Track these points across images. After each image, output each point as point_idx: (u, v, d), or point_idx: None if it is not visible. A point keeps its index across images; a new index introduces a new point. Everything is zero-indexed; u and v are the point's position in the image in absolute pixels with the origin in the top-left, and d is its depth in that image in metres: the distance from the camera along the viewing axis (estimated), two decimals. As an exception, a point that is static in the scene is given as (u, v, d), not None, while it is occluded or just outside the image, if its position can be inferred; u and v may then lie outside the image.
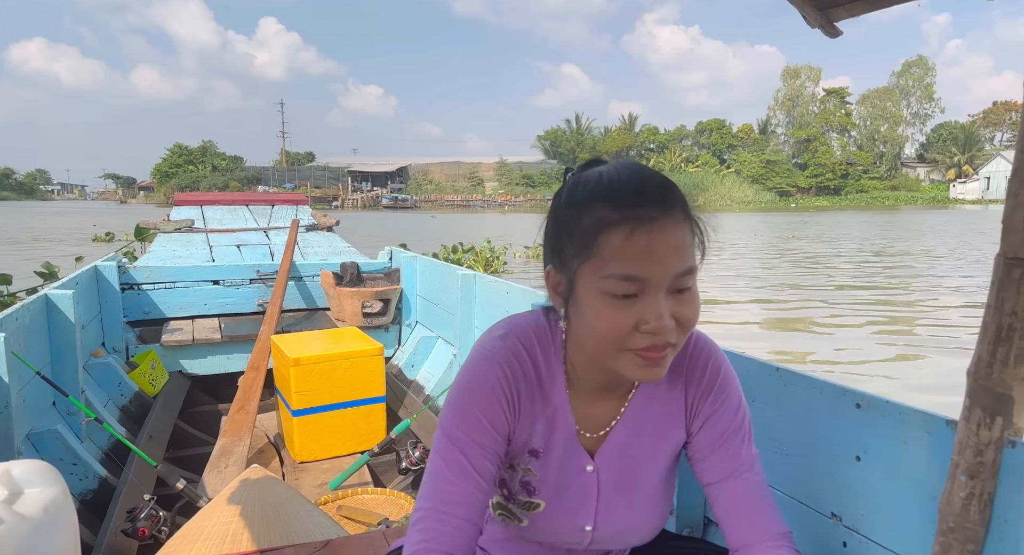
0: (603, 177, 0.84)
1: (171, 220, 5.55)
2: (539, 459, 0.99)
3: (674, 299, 0.83)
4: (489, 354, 0.94)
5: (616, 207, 0.81)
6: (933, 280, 11.76)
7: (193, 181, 70.92)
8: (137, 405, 3.28)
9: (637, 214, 0.80)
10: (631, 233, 0.80)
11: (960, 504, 0.92)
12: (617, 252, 0.80)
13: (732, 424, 0.99)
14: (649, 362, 0.84)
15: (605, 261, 0.81)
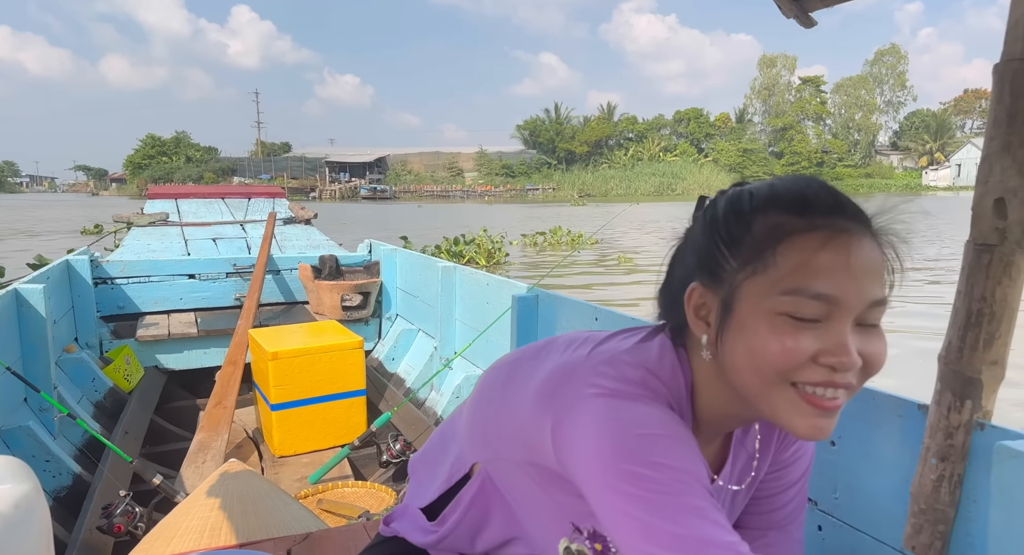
0: (777, 186, 0.71)
1: (145, 213, 5.46)
2: None
3: (861, 334, 0.67)
4: (630, 397, 0.72)
5: (803, 213, 0.67)
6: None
7: (167, 173, 69.77)
8: (112, 401, 3.23)
9: (831, 223, 0.66)
10: (825, 243, 0.65)
11: (931, 486, 0.94)
12: (805, 264, 0.65)
13: (801, 479, 0.89)
14: (818, 410, 0.67)
15: (786, 275, 0.66)
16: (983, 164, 0.93)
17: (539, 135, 75.17)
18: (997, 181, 0.90)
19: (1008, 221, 0.89)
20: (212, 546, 1.75)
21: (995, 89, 0.92)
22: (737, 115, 77.82)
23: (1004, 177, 0.90)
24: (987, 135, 0.92)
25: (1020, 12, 0.91)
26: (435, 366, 3.34)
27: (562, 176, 70.12)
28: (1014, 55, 0.90)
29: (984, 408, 0.91)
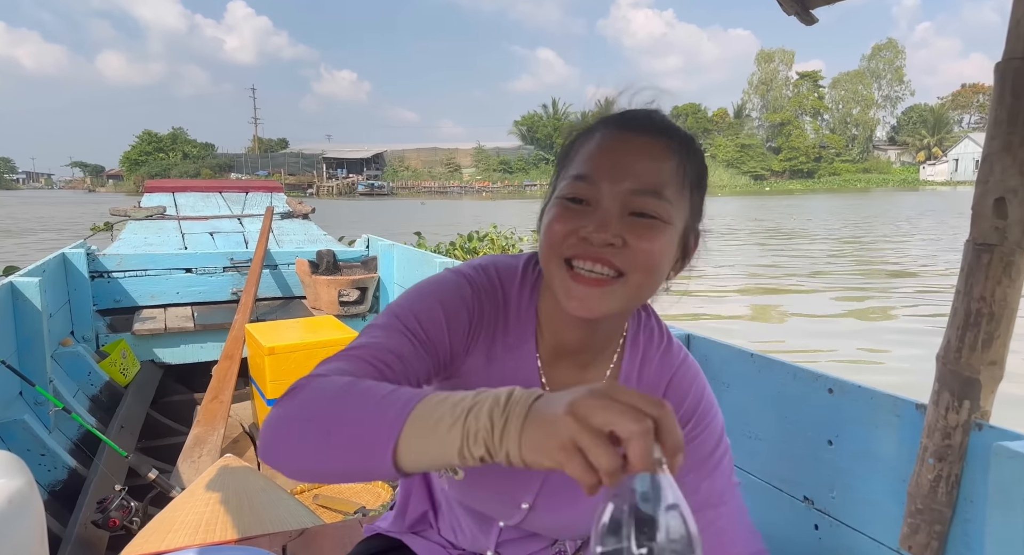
0: (603, 115, 0.83)
1: (142, 207, 5.43)
2: None
3: (633, 224, 0.73)
4: (460, 272, 0.86)
5: (603, 123, 0.79)
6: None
7: (164, 169, 69.63)
8: (108, 395, 3.22)
9: (620, 126, 0.77)
10: (601, 138, 0.77)
11: (928, 486, 0.93)
12: (581, 153, 0.78)
13: (712, 454, 0.88)
14: (580, 285, 0.73)
15: (570, 166, 0.78)
16: (983, 163, 0.92)
17: (537, 131, 75.08)
18: (997, 180, 0.90)
19: (1008, 221, 0.89)
20: (208, 541, 1.75)
21: (996, 88, 0.92)
22: (735, 110, 77.78)
23: (1004, 177, 0.89)
24: (988, 134, 0.92)
25: (1022, 12, 0.90)
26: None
27: (560, 171, 69.86)
28: (1015, 54, 0.90)
29: (982, 408, 0.90)
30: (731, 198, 46.43)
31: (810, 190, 60.25)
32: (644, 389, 0.88)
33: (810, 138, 72.80)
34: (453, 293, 0.83)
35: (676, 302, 0.87)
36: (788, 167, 71.23)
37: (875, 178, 67.74)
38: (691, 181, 0.79)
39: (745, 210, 30.24)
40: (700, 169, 0.82)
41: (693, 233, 0.82)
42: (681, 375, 0.89)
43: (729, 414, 1.36)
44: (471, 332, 0.84)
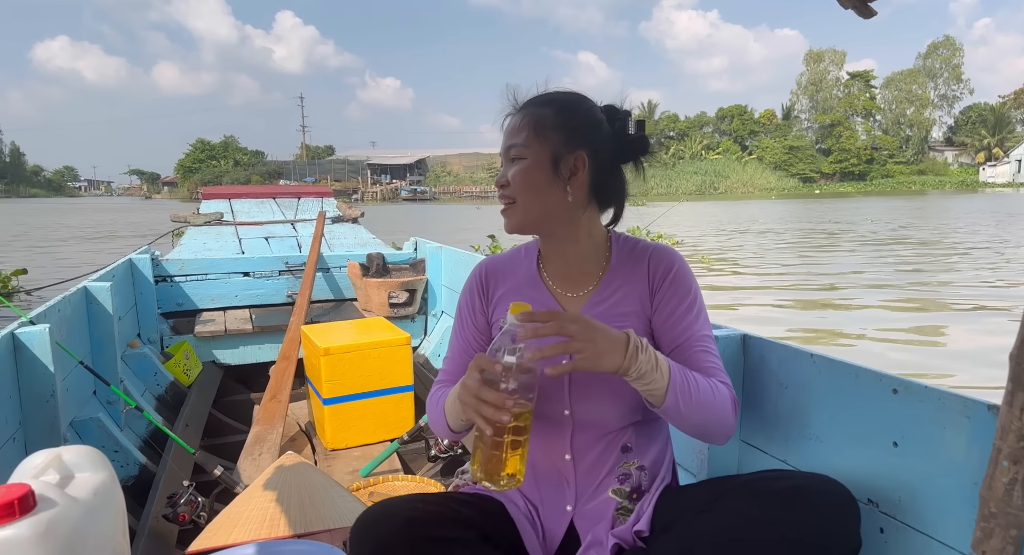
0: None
1: (200, 213, 5.63)
2: None
3: (510, 167, 1.21)
4: (469, 281, 1.37)
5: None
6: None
7: (216, 176, 71.67)
8: (173, 394, 3.35)
9: (508, 112, 1.26)
10: (505, 122, 1.26)
11: (1003, 489, 0.91)
12: None
13: (684, 303, 1.20)
14: (502, 212, 1.23)
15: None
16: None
17: (580, 134, 74.66)
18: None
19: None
20: (271, 536, 1.81)
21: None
22: (783, 112, 76.16)
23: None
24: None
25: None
26: (481, 363, 3.36)
27: (603, 175, 69.34)
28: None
29: (1060, 409, 0.88)
30: (779, 201, 45.33)
31: (862, 193, 58.49)
32: (635, 276, 1.23)
33: (861, 139, 70.73)
34: (465, 290, 1.35)
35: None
36: (838, 169, 69.36)
37: (931, 180, 65.38)
38: (548, 126, 1.18)
39: (810, 213, 29.26)
40: (563, 115, 1.19)
41: (571, 156, 1.17)
42: (656, 258, 1.23)
43: (788, 415, 1.35)
44: (484, 292, 1.32)
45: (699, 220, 25.25)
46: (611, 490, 1.20)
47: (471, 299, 1.32)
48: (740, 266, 12.35)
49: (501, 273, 1.32)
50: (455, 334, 1.34)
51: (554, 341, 1.00)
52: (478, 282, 1.32)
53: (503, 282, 1.30)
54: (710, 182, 63.35)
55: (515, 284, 1.29)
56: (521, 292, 1.28)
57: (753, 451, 1.47)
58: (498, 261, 1.34)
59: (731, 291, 9.45)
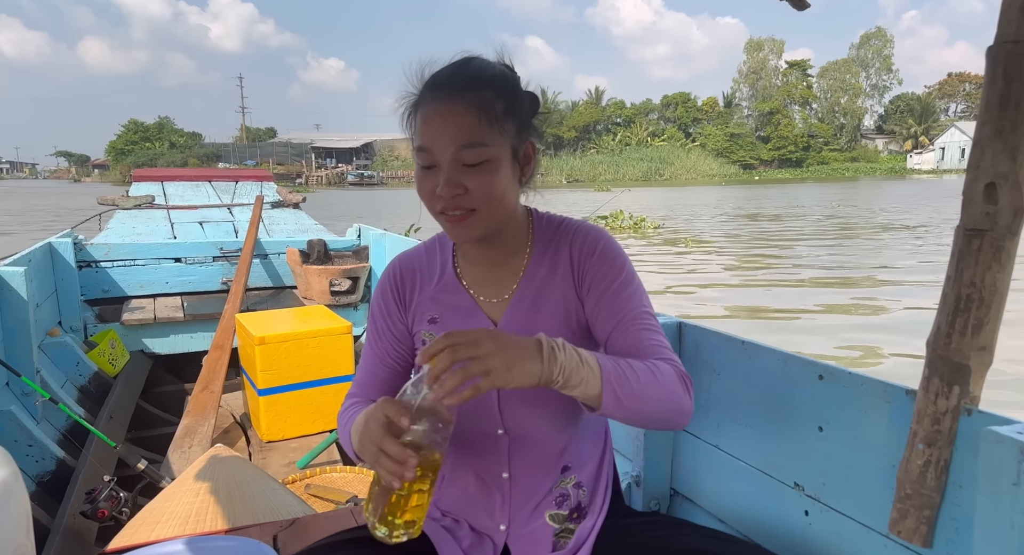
0: (428, 70, 1.03)
1: (130, 196, 5.38)
2: (438, 324, 1.12)
3: (467, 171, 0.97)
4: (380, 281, 1.19)
5: (421, 91, 1.01)
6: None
7: (150, 158, 68.91)
8: (96, 385, 3.20)
9: (428, 95, 0.99)
10: (423, 111, 0.99)
11: (917, 471, 0.94)
12: (418, 123, 0.99)
13: (616, 281, 1.07)
14: (451, 222, 1.00)
15: (415, 136, 1.00)
16: (975, 149, 0.92)
17: (527, 119, 74.68)
18: (988, 166, 0.90)
19: (998, 206, 0.89)
20: (197, 531, 1.74)
21: (988, 72, 0.91)
22: (725, 100, 77.77)
23: (995, 162, 0.89)
24: (979, 119, 0.91)
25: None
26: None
27: (550, 161, 69.82)
28: (1007, 37, 0.89)
29: (972, 393, 0.91)
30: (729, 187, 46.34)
31: (799, 179, 60.35)
32: (558, 265, 1.11)
33: (799, 127, 72.89)
34: (378, 294, 1.17)
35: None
36: (777, 156, 71.40)
37: (863, 167, 67.99)
38: (500, 114, 0.98)
39: (764, 199, 29.97)
40: (507, 98, 1.00)
41: (524, 145, 1.04)
42: (579, 239, 1.10)
43: (720, 401, 1.37)
44: (400, 297, 1.15)
45: (668, 204, 25.55)
46: (548, 515, 1.12)
47: (385, 305, 1.15)
48: (718, 247, 12.61)
49: (416, 274, 1.15)
50: (369, 342, 1.18)
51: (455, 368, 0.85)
52: (392, 285, 1.15)
53: (419, 285, 1.15)
54: (655, 168, 64.30)
55: (432, 289, 1.14)
56: (439, 298, 1.13)
57: (688, 438, 1.48)
58: (411, 259, 1.17)
59: (717, 274, 9.67)
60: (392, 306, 1.15)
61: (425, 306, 1.13)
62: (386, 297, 1.16)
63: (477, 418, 1.09)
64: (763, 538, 1.27)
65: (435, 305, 1.12)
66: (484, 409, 1.09)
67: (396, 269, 1.17)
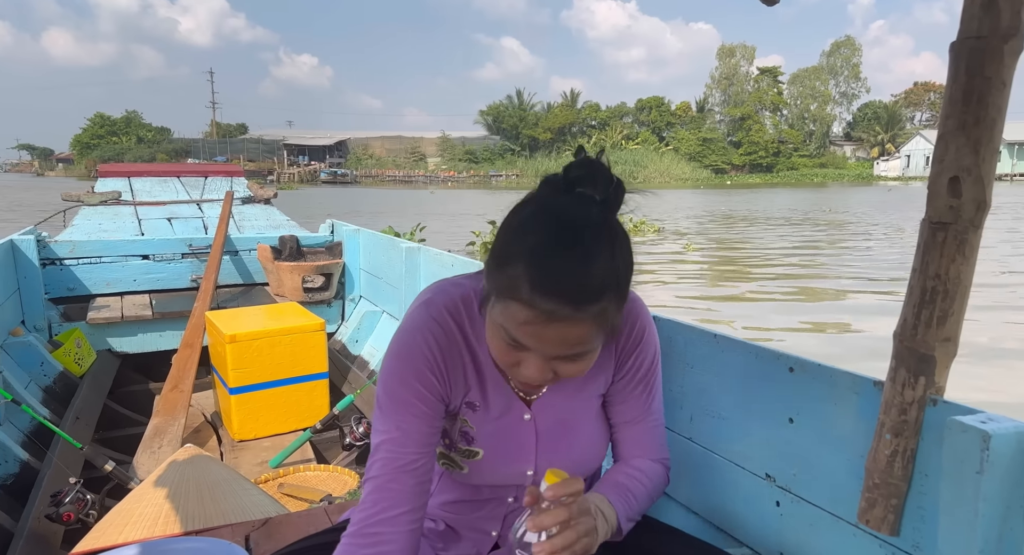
0: (540, 236, 0.83)
1: (96, 192, 5.27)
2: (476, 411, 1.05)
3: (559, 362, 0.89)
4: (414, 325, 0.99)
5: (532, 289, 0.81)
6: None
7: (117, 153, 67.51)
8: (62, 385, 3.13)
9: (548, 308, 0.81)
10: (532, 320, 0.82)
11: (885, 461, 0.96)
12: (516, 322, 0.84)
13: (648, 376, 1.10)
14: (523, 388, 1.02)
15: (505, 318, 0.85)
16: (939, 143, 0.94)
17: (502, 121, 74.83)
18: (952, 160, 0.92)
19: (962, 200, 0.91)
20: (166, 533, 1.71)
21: (951, 68, 0.93)
22: (698, 104, 78.61)
23: (959, 156, 0.91)
24: (942, 114, 0.94)
25: (977, -5, 0.92)
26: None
27: (526, 162, 69.97)
28: (970, 33, 0.91)
29: (937, 384, 0.93)
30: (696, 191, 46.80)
31: (769, 184, 61.27)
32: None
33: (769, 133, 73.95)
34: (417, 362, 0.97)
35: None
36: (748, 161, 72.35)
37: (831, 173, 69.22)
38: (614, 315, 0.88)
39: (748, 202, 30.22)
40: (624, 291, 0.89)
41: (618, 317, 0.90)
42: (631, 321, 1.06)
43: (693, 394, 1.38)
44: (442, 376, 0.98)
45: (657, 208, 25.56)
46: None
47: (426, 382, 0.96)
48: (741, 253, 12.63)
49: (452, 352, 1.00)
50: (411, 415, 0.96)
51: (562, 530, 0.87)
52: (432, 362, 0.97)
53: (456, 364, 1.01)
54: (630, 171, 64.71)
55: (469, 369, 1.02)
56: (477, 381, 1.03)
57: (660, 431, 1.50)
58: (445, 333, 0.99)
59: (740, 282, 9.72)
60: (433, 380, 0.97)
61: (461, 386, 1.02)
62: (422, 371, 0.97)
63: (511, 457, 1.07)
64: (736, 529, 1.29)
65: (477, 389, 1.03)
66: (522, 450, 1.07)
67: (431, 342, 0.97)
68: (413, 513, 0.93)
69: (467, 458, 1.06)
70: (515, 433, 1.06)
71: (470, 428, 1.05)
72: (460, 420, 1.05)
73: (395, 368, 0.98)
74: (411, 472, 0.94)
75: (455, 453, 1.07)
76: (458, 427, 1.05)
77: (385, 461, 0.94)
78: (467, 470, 1.07)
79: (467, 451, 1.06)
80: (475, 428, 1.05)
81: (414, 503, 0.93)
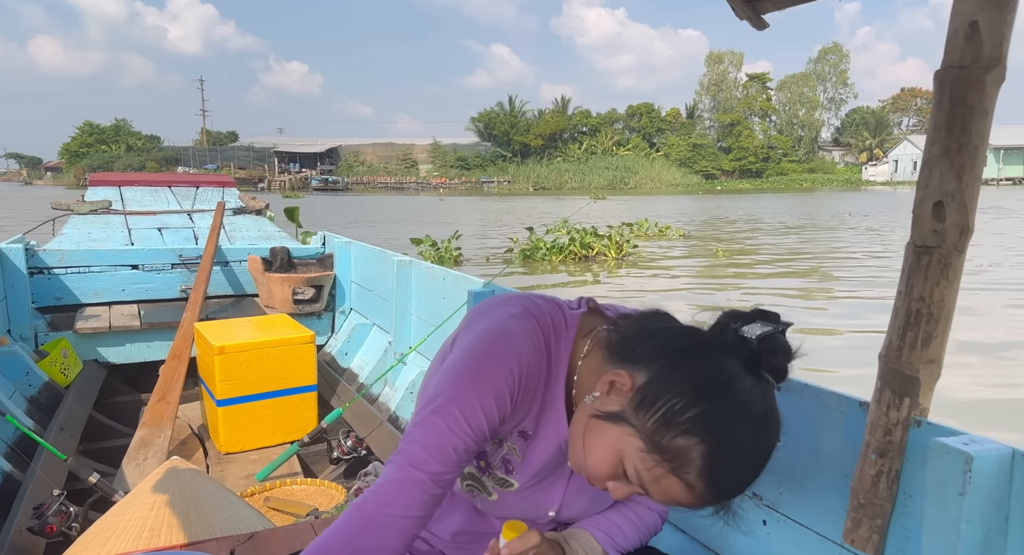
0: (733, 429, 0.80)
1: (86, 201, 5.23)
2: (527, 441, 0.99)
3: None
4: (506, 335, 0.91)
5: (702, 478, 0.80)
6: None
7: (106, 161, 67.08)
8: (47, 396, 3.10)
9: (704, 497, 0.81)
10: (681, 497, 0.82)
11: (870, 481, 0.96)
12: (657, 484, 0.82)
13: None
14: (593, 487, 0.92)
15: (645, 471, 0.82)
16: (924, 168, 0.96)
17: (494, 127, 74.97)
18: (936, 185, 0.93)
19: (946, 224, 0.92)
20: (151, 547, 1.69)
21: (936, 95, 0.95)
22: (688, 110, 79.06)
23: (943, 181, 0.93)
24: (927, 140, 0.95)
25: (958, 23, 0.93)
26: (389, 361, 3.30)
27: (517, 169, 70.10)
28: (953, 63, 0.93)
29: (921, 405, 0.94)
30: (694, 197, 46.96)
31: (759, 189, 61.62)
32: None
33: (759, 138, 74.43)
34: (498, 378, 0.89)
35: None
36: (738, 167, 72.79)
37: (820, 178, 69.76)
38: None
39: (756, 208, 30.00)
40: None
41: None
42: None
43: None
44: (515, 396, 0.91)
45: (661, 214, 25.53)
46: None
47: (501, 402, 0.89)
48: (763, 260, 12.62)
49: (537, 379, 0.93)
50: (472, 423, 0.88)
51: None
52: (514, 388, 0.90)
53: (534, 392, 0.94)
54: (621, 177, 64.98)
55: (540, 405, 0.96)
56: (542, 418, 0.97)
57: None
58: (538, 362, 0.92)
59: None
60: (507, 403, 0.90)
61: (528, 413, 0.96)
62: (505, 386, 0.89)
63: (539, 496, 1.04)
64: (723, 548, 1.29)
65: (536, 416, 0.97)
66: (554, 489, 1.05)
67: (523, 366, 0.91)
68: (423, 520, 0.90)
69: (500, 486, 1.02)
70: (554, 474, 1.03)
71: (516, 457, 0.99)
72: (507, 446, 0.99)
73: (472, 374, 0.89)
74: (445, 485, 0.90)
75: (488, 478, 1.02)
76: (503, 453, 1.00)
77: (422, 449, 0.87)
78: (495, 498, 1.03)
79: (502, 480, 1.01)
80: (521, 458, 0.99)
81: (428, 512, 0.90)
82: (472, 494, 1.05)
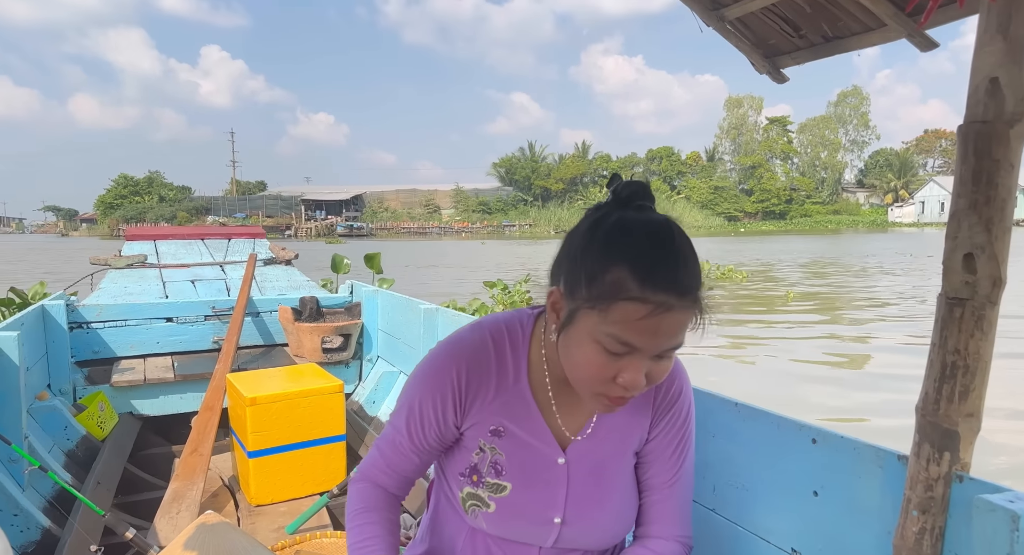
0: (635, 239, 0.88)
1: (123, 255, 5.39)
2: (503, 438, 1.07)
3: (653, 362, 0.91)
4: (448, 348, 1.07)
5: (642, 285, 0.85)
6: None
7: (139, 212, 69.18)
8: (84, 449, 3.14)
9: (660, 299, 0.85)
10: (648, 315, 0.86)
11: (913, 539, 0.95)
12: (626, 322, 0.86)
13: (681, 435, 1.12)
14: (613, 404, 0.95)
15: (612, 323, 0.87)
16: (952, 220, 0.97)
17: (515, 172, 76.01)
18: (965, 237, 0.94)
19: (977, 276, 0.93)
20: (188, 604, 1.70)
21: (959, 149, 0.97)
22: (708, 154, 79.52)
23: (972, 233, 0.94)
24: (954, 193, 0.96)
25: (980, 78, 0.96)
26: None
27: (538, 212, 70.76)
28: (976, 118, 0.95)
29: (962, 460, 0.93)
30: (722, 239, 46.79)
31: (783, 231, 61.28)
32: (637, 406, 1.10)
33: (781, 180, 74.45)
34: (437, 389, 1.05)
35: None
36: (760, 208, 72.66)
37: (846, 219, 69.30)
38: (701, 309, 0.91)
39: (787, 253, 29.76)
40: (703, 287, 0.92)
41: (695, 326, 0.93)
42: (669, 378, 1.10)
43: (716, 464, 1.38)
44: (460, 403, 1.05)
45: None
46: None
47: (442, 404, 1.04)
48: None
49: (483, 379, 1.05)
50: (403, 431, 1.08)
51: None
52: (454, 386, 1.04)
53: (485, 392, 1.05)
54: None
55: (500, 399, 1.06)
56: (507, 411, 1.06)
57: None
58: (479, 361, 1.04)
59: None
60: (449, 408, 1.05)
61: (488, 415, 1.06)
62: (444, 396, 1.04)
63: (540, 500, 1.07)
64: (764, 605, 1.26)
65: (501, 417, 1.06)
66: (552, 494, 1.08)
67: (462, 366, 1.04)
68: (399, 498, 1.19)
69: (495, 493, 1.07)
70: (547, 473, 1.07)
71: (500, 455, 1.06)
72: (489, 449, 1.07)
73: (413, 391, 1.08)
74: (407, 464, 1.13)
75: (483, 489, 1.08)
76: (489, 458, 1.07)
77: (372, 465, 1.17)
78: (494, 508, 1.07)
79: (495, 485, 1.07)
80: (504, 455, 1.06)
81: (389, 503, 1.18)
82: (474, 515, 1.09)
